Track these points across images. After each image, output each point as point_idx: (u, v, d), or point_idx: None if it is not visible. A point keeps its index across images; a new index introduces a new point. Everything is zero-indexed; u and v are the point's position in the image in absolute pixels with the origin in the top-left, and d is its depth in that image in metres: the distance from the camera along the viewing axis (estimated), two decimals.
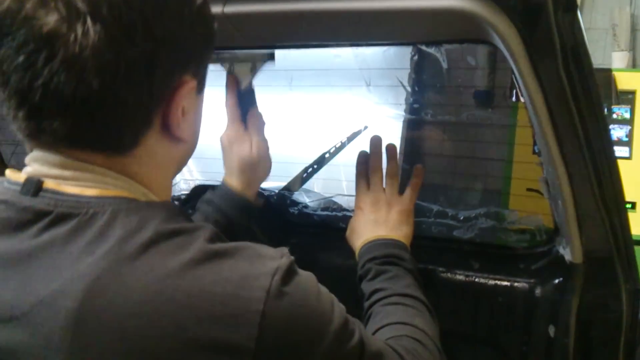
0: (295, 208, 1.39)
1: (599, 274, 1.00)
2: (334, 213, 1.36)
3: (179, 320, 0.60)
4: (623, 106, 2.80)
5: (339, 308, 0.70)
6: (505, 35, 0.75)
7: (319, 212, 1.38)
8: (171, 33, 0.64)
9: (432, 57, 2.58)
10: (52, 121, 0.63)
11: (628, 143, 2.77)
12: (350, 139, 1.72)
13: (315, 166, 1.63)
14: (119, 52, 0.60)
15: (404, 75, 2.83)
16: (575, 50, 0.77)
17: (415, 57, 2.72)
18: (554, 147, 0.86)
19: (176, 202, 1.38)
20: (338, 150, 1.68)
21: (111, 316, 0.59)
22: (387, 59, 2.63)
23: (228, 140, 1.10)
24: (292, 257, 0.68)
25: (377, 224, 1.06)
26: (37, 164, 0.67)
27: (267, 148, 1.11)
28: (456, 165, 2.64)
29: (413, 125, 2.79)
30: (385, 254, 1.00)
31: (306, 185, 1.71)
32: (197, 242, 0.64)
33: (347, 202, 1.45)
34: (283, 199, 1.40)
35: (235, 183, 1.08)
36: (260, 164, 1.09)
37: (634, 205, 2.68)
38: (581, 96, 0.82)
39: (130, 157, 0.68)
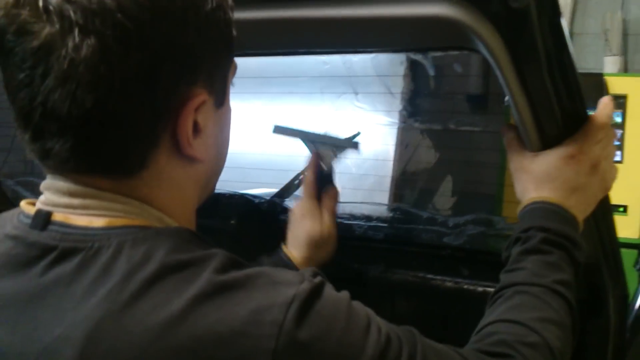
0: (287, 215, 1.38)
1: (587, 280, 1.00)
2: None
3: None
4: (615, 110, 2.81)
5: (376, 333, 0.60)
6: (490, 42, 0.75)
7: None
8: (172, 42, 0.59)
9: (423, 64, 2.59)
10: (54, 143, 0.59)
11: (620, 147, 2.78)
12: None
13: (306, 174, 1.62)
14: (113, 65, 0.56)
15: (397, 82, 2.84)
16: (560, 56, 0.77)
17: (407, 64, 2.73)
18: (535, 142, 0.86)
19: None
20: None
21: None
22: (377, 67, 2.65)
23: (301, 213, 1.08)
24: (318, 279, 0.60)
25: (566, 184, 0.84)
26: (49, 192, 0.64)
27: (336, 231, 1.09)
28: (449, 171, 2.65)
29: (406, 132, 2.80)
30: (559, 232, 0.81)
31: (298, 192, 1.70)
32: (205, 274, 0.57)
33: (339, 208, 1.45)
34: (274, 207, 1.40)
35: (296, 256, 1.06)
36: (325, 244, 1.07)
37: (625, 208, 2.69)
38: (566, 102, 0.82)
39: (139, 179, 0.63)
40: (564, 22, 0.75)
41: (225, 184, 1.55)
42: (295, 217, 1.09)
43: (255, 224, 1.37)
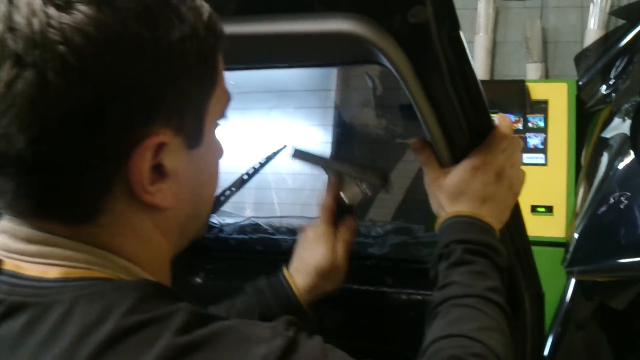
0: (211, 233, 1.37)
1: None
2: (249, 236, 1.34)
3: None
4: (537, 115, 2.92)
5: None
6: (393, 57, 0.77)
7: (235, 236, 1.36)
8: (122, 78, 0.52)
9: (358, 77, 2.61)
10: (1, 182, 0.54)
11: (543, 150, 2.88)
12: (270, 158, 1.71)
13: (232, 189, 1.61)
14: (50, 103, 0.50)
15: (330, 96, 2.86)
16: (461, 68, 0.80)
17: (341, 78, 2.76)
18: (446, 158, 0.88)
19: None
20: (256, 171, 1.67)
21: None
22: (312, 80, 2.66)
23: (314, 237, 1.01)
24: (292, 332, 0.56)
25: (475, 195, 0.86)
26: (5, 235, 0.58)
27: (347, 265, 1.02)
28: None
29: (340, 145, 2.82)
30: (478, 241, 0.83)
31: (224, 208, 1.69)
32: (166, 336, 0.51)
33: (265, 223, 1.44)
34: None
35: (298, 282, 0.99)
36: (333, 276, 1.01)
37: (551, 209, 2.79)
38: (471, 114, 0.85)
39: (98, 225, 0.57)
40: (463, 35, 0.77)
41: None
42: (306, 240, 1.02)
43: None
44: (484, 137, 0.88)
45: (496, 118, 0.89)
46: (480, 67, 3.50)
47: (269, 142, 1.84)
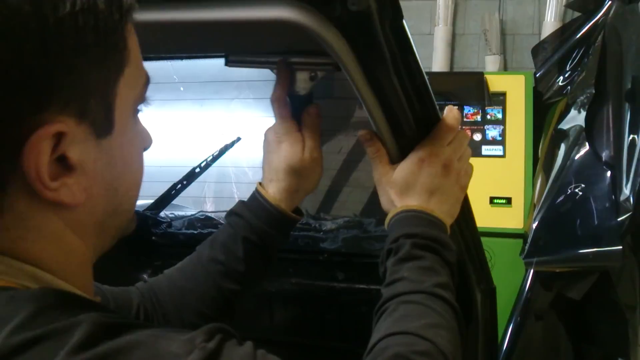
0: (159, 228, 1.33)
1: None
2: (198, 231, 1.31)
3: None
4: (496, 107, 2.94)
5: None
6: (335, 46, 0.74)
7: (184, 231, 1.33)
8: (3, 59, 0.47)
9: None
10: None
11: (502, 142, 2.90)
12: (223, 151, 1.68)
13: (184, 182, 1.58)
14: None
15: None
16: (405, 58, 0.77)
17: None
18: (393, 152, 0.86)
19: None
20: (209, 164, 1.64)
21: None
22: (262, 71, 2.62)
23: (276, 137, 0.92)
24: (212, 343, 0.49)
25: (422, 188, 0.84)
26: None
27: (321, 155, 0.94)
28: (346, 177, 2.66)
29: None
30: (426, 235, 0.80)
31: (181, 203, 1.65)
32: (60, 354, 0.45)
33: (217, 217, 1.41)
34: (145, 220, 1.33)
35: (273, 191, 0.91)
36: (310, 172, 0.93)
37: (509, 200, 2.81)
38: (417, 105, 0.82)
39: None
40: (406, 24, 0.75)
41: None
42: (269, 144, 0.93)
43: (125, 238, 1.30)
44: (431, 129, 0.86)
45: (444, 110, 0.87)
46: (439, 59, 3.51)
47: (226, 134, 1.81)
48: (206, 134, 1.98)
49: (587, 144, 2.16)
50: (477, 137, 2.91)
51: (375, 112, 0.82)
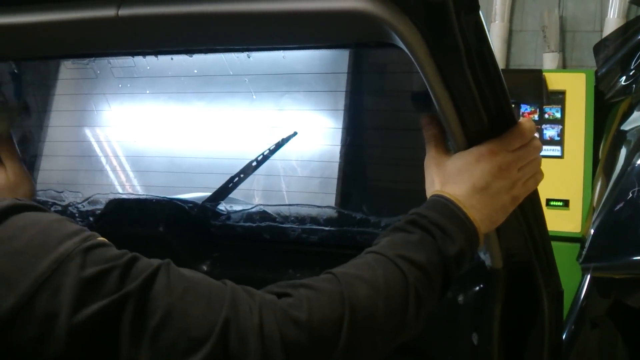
0: (218, 220, 1.33)
1: (520, 278, 0.99)
2: (257, 224, 1.31)
3: None
4: (554, 106, 2.86)
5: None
6: (408, 37, 0.73)
7: (242, 224, 1.33)
8: None
9: (371, 61, 2.56)
10: None
11: (560, 142, 2.82)
12: (279, 145, 1.67)
13: (241, 175, 1.58)
14: None
15: (342, 79, 2.81)
16: (480, 51, 0.75)
17: (353, 61, 2.70)
18: (459, 142, 0.84)
19: (91, 218, 1.31)
20: (266, 158, 1.64)
21: None
22: (324, 64, 2.61)
23: None
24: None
25: (470, 181, 0.81)
26: None
27: (25, 171, 1.11)
28: (397, 171, 2.64)
29: (352, 132, 2.78)
30: (432, 219, 0.78)
31: (232, 195, 1.65)
32: None
33: (274, 211, 1.41)
34: (204, 211, 1.34)
35: None
36: (19, 189, 1.09)
37: (567, 202, 2.73)
38: (490, 99, 0.80)
39: None
40: (482, 16, 0.73)
41: (158, 189, 1.50)
42: None
43: (185, 230, 1.32)
44: (503, 130, 0.83)
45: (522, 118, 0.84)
46: (495, 56, 3.45)
47: (279, 128, 1.81)
48: (257, 128, 1.98)
49: None
50: None
51: (446, 105, 0.79)
